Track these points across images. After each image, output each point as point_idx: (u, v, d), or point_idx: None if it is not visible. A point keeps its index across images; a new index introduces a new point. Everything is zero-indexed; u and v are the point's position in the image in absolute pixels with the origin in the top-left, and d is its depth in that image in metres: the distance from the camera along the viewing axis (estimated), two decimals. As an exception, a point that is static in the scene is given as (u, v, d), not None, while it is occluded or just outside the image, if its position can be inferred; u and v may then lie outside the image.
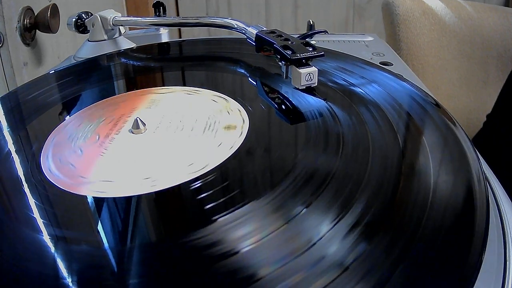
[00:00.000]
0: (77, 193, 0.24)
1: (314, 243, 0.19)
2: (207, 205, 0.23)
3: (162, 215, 0.24)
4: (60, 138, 0.30)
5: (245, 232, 0.20)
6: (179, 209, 0.24)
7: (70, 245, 0.21)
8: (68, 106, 0.36)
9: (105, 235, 0.22)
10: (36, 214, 0.23)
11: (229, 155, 0.26)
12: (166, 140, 0.29)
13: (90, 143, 0.29)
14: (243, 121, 0.30)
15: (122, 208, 0.23)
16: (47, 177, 0.26)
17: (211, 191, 0.24)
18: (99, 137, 0.30)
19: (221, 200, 0.23)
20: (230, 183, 0.24)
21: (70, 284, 0.19)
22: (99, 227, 0.22)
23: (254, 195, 0.22)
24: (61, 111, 0.36)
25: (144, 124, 0.30)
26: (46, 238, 0.21)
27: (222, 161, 0.26)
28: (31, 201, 0.24)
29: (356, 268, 0.18)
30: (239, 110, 0.32)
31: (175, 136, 0.29)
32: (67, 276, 0.19)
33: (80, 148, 0.29)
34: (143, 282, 0.19)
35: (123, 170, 0.26)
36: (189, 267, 0.19)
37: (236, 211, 0.21)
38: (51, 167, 0.27)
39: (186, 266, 0.19)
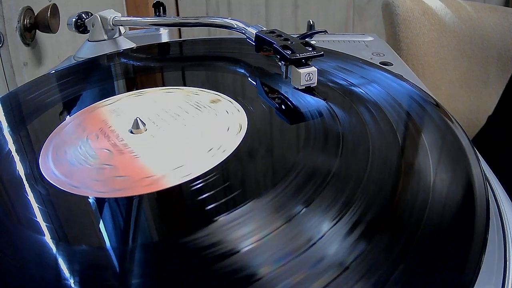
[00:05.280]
0: (166, 187, 0.23)
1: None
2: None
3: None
4: (64, 169, 0.26)
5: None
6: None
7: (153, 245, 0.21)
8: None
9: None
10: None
11: (244, 135, 0.28)
12: (179, 129, 0.29)
13: (109, 157, 0.27)
14: (219, 95, 0.31)
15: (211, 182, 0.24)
16: (110, 196, 0.23)
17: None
18: (110, 149, 0.27)
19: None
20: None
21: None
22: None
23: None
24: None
25: (144, 124, 0.30)
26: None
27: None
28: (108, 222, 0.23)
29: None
30: (202, 90, 0.33)
31: (184, 122, 0.29)
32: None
33: (106, 164, 0.26)
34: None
35: (179, 155, 0.26)
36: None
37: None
38: (98, 189, 0.24)
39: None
